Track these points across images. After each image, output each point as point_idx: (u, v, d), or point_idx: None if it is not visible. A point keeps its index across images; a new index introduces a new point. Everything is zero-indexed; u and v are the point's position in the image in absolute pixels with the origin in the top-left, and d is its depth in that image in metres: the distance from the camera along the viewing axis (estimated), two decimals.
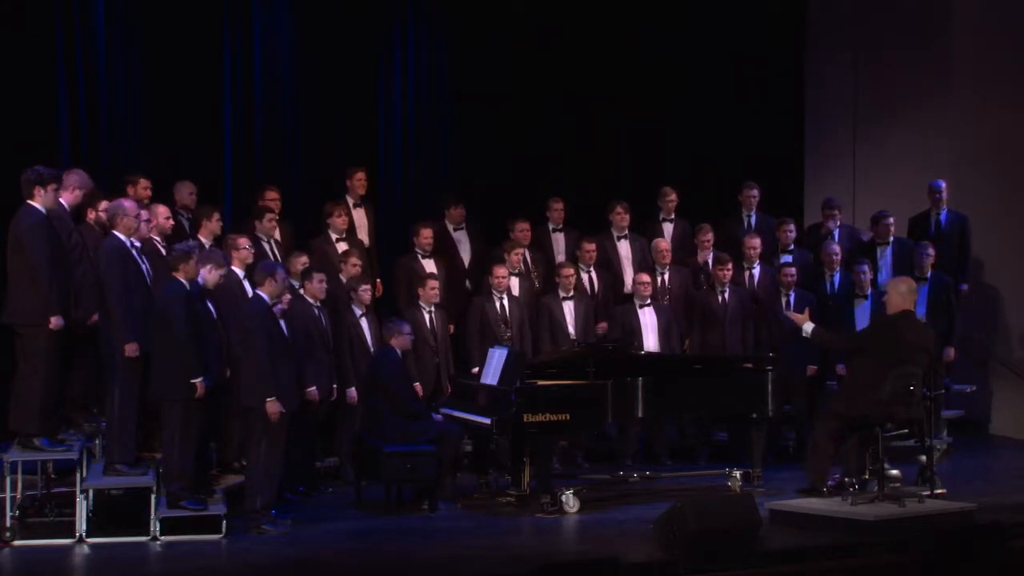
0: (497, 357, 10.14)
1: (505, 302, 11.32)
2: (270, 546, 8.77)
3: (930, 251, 11.98)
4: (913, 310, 9.73)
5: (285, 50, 12.87)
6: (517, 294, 11.49)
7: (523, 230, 11.90)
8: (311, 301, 10.27)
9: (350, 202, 11.80)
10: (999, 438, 13.09)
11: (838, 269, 12.00)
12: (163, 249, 9.65)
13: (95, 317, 9.27)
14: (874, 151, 14.00)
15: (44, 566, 8.40)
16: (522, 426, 9.65)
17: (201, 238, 10.09)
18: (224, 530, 8.88)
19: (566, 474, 10.83)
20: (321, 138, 12.97)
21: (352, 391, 10.65)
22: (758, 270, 12.05)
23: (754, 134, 14.00)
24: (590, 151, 13.64)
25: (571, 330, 11.40)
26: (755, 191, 12.71)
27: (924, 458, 9.90)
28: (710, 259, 12.02)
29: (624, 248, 12.24)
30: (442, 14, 13.51)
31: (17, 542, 8.70)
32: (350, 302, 10.77)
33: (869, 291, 11.61)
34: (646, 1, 13.86)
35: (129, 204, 9.30)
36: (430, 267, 11.51)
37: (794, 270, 11.74)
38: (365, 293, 10.82)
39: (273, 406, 8.95)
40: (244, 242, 10.12)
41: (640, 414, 10.20)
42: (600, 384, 9.97)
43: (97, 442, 9.74)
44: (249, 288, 9.59)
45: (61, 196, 9.26)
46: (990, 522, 8.58)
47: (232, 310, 9.56)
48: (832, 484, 9.67)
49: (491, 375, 10.12)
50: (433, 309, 11.10)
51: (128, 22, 12.11)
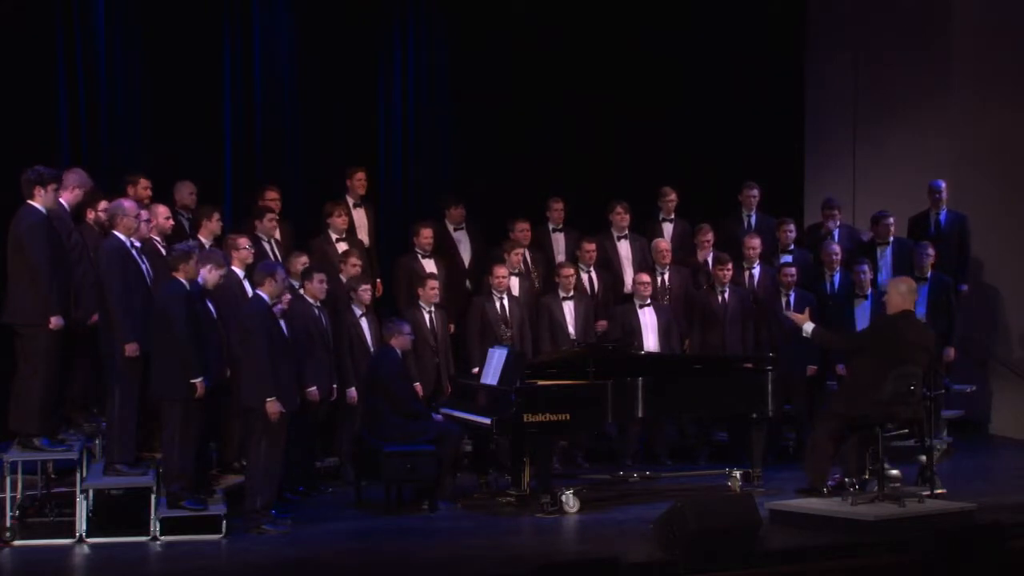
0: (497, 357, 10.14)
1: (505, 302, 11.32)
2: (270, 546, 8.76)
3: (930, 251, 11.98)
4: (913, 310, 9.73)
5: (285, 50, 12.87)
6: (517, 294, 11.49)
7: (523, 230, 11.90)
8: (311, 301, 10.27)
9: (350, 202, 11.79)
10: (999, 438, 13.09)
11: (838, 269, 12.00)
12: (163, 249, 9.65)
13: (95, 317, 9.27)
14: (874, 151, 14.00)
15: (44, 566, 8.39)
16: (522, 426, 9.65)
17: (201, 238, 10.09)
18: (224, 530, 8.87)
19: (566, 474, 10.83)
20: (321, 138, 12.97)
21: (352, 391, 10.65)
22: (758, 270, 12.05)
23: (754, 134, 13.99)
24: (590, 151, 13.64)
25: (571, 330, 11.40)
26: (755, 191, 12.71)
27: (924, 458, 9.90)
28: (710, 259, 12.02)
29: (624, 248, 12.24)
30: (442, 14, 13.50)
31: (17, 542, 8.70)
32: (350, 302, 10.77)
33: (869, 291, 11.61)
34: (646, 1, 13.86)
35: (129, 204, 9.30)
36: (430, 267, 11.51)
37: (794, 270, 11.74)
38: (365, 293, 10.81)
39: (273, 406, 8.95)
40: (244, 242, 10.12)
41: (640, 414, 10.20)
42: (600, 384, 9.96)
43: (97, 442, 9.74)
44: (249, 288, 9.59)
45: (61, 196, 9.26)
46: (990, 522, 8.58)
47: (232, 310, 9.56)
48: (832, 484, 9.67)
49: (491, 375, 10.12)
50: (433, 309, 11.09)
51: (128, 22, 12.11)
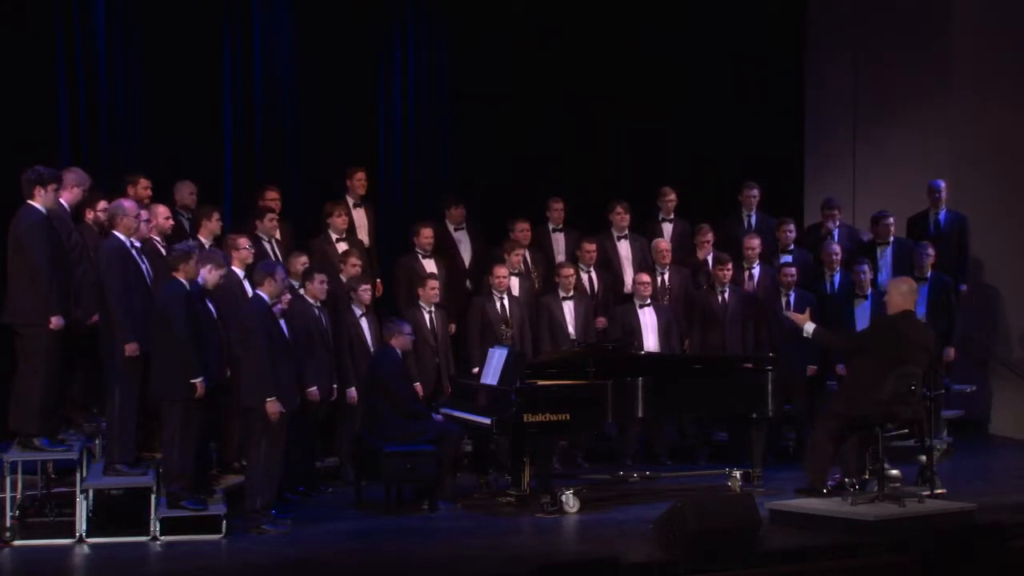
0: (497, 357, 10.13)
1: (505, 302, 11.32)
2: (270, 546, 8.76)
3: (930, 251, 11.98)
4: (914, 310, 9.73)
5: (285, 50, 12.87)
6: (517, 294, 11.49)
7: (523, 230, 11.89)
8: (311, 301, 10.27)
9: (350, 202, 11.79)
10: (999, 438, 13.09)
11: (838, 269, 12.00)
12: (163, 249, 9.65)
13: (95, 317, 9.27)
14: (874, 151, 14.00)
15: (44, 566, 8.39)
16: (522, 426, 9.64)
17: (201, 238, 10.09)
18: (224, 530, 8.87)
19: (566, 474, 10.83)
20: (321, 138, 12.97)
21: (352, 391, 10.65)
22: (758, 270, 12.05)
23: (754, 134, 13.99)
24: (590, 151, 13.63)
25: (571, 330, 11.39)
26: (755, 191, 12.71)
27: (924, 458, 9.90)
28: (710, 259, 12.02)
29: (624, 248, 12.23)
30: (442, 14, 13.50)
31: (17, 542, 8.70)
32: (350, 302, 10.76)
33: (869, 291, 11.61)
34: (646, 1, 13.86)
35: (129, 204, 9.30)
36: (430, 267, 11.51)
37: (794, 270, 11.74)
38: (365, 293, 10.81)
39: (273, 406, 8.95)
40: (244, 242, 10.12)
41: (640, 414, 10.20)
42: (600, 384, 9.96)
43: (97, 442, 9.74)
44: (249, 288, 9.59)
45: (61, 196, 9.26)
46: (990, 522, 8.58)
47: (232, 310, 9.55)
48: (832, 484, 9.67)
49: (491, 375, 10.11)
50: (433, 309, 11.09)
51: (128, 22, 12.11)
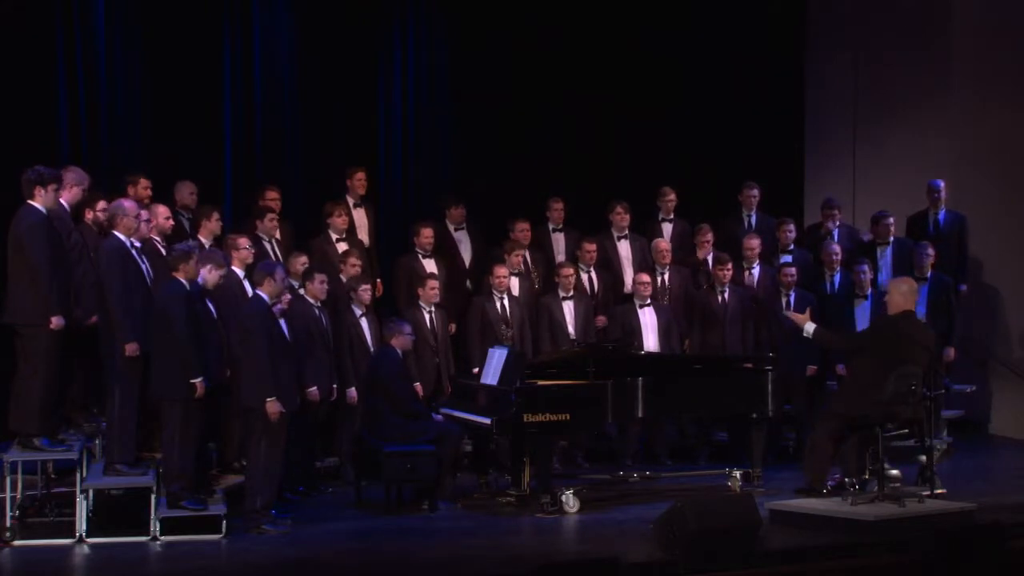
0: (497, 357, 10.13)
1: (506, 302, 11.32)
2: (270, 546, 8.76)
3: (930, 251, 11.98)
4: (914, 310, 9.73)
5: (285, 50, 12.87)
6: (517, 294, 11.49)
7: (523, 230, 11.89)
8: (311, 301, 10.27)
9: (350, 202, 11.79)
10: (999, 438, 13.09)
11: (838, 269, 12.00)
12: (163, 249, 9.65)
13: (95, 318, 9.27)
14: (874, 151, 14.00)
15: (44, 566, 8.39)
16: (522, 426, 9.64)
17: (201, 238, 10.09)
18: (224, 530, 8.87)
19: (566, 474, 10.83)
20: (321, 138, 12.97)
21: (352, 391, 10.65)
22: (758, 270, 12.05)
23: (754, 134, 13.99)
24: (590, 151, 13.64)
25: (571, 330, 11.39)
26: (755, 191, 12.71)
27: (924, 458, 9.90)
28: (710, 259, 12.02)
29: (624, 248, 12.23)
30: (442, 14, 13.50)
31: (17, 542, 8.69)
32: (350, 302, 10.76)
33: (869, 291, 11.61)
34: (646, 1, 13.86)
35: (129, 204, 9.30)
36: (431, 267, 11.51)
37: (794, 270, 11.74)
38: (365, 293, 10.81)
39: (273, 406, 8.95)
40: (244, 242, 10.12)
41: (640, 414, 10.20)
42: (600, 384, 9.96)
43: (97, 442, 9.74)
44: (249, 288, 9.59)
45: (61, 195, 9.26)
46: (990, 522, 8.58)
47: (232, 310, 9.56)
48: (832, 484, 9.68)
49: (491, 375, 10.11)
50: (433, 309, 11.09)
51: (128, 22, 12.11)
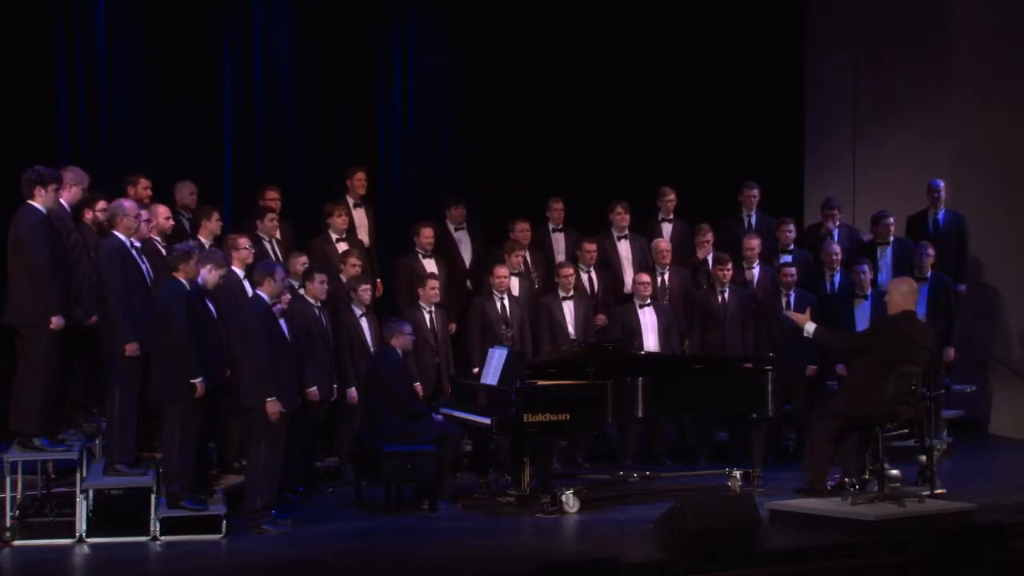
0: (497, 357, 10.13)
1: (506, 302, 11.32)
2: (270, 546, 8.76)
3: (930, 251, 11.98)
4: (914, 310, 9.74)
5: (285, 50, 12.87)
6: (517, 294, 11.49)
7: (523, 230, 11.89)
8: (311, 301, 10.27)
9: (350, 202, 11.79)
10: (999, 438, 13.08)
11: (838, 269, 12.00)
12: (163, 249, 9.65)
13: (95, 318, 9.27)
14: (874, 151, 13.99)
15: (44, 566, 8.39)
16: (522, 426, 9.64)
17: (201, 238, 10.09)
18: (224, 530, 8.87)
19: (566, 474, 10.84)
20: (321, 138, 12.97)
21: (352, 391, 10.65)
22: (758, 270, 12.05)
23: (754, 134, 13.99)
24: (590, 151, 13.63)
25: (571, 330, 11.39)
26: (755, 191, 12.71)
27: (924, 458, 9.90)
28: (710, 259, 12.02)
29: (624, 248, 12.23)
30: (442, 14, 13.50)
31: (17, 542, 8.70)
32: (350, 302, 10.76)
33: (869, 291, 11.61)
34: (646, 1, 13.86)
35: (129, 204, 9.30)
36: (431, 267, 11.51)
37: (794, 270, 11.74)
38: (365, 293, 10.81)
39: (273, 406, 8.95)
40: (244, 242, 10.12)
41: (640, 414, 10.20)
42: (600, 384, 9.96)
43: (97, 442, 9.74)
44: (249, 288, 9.59)
45: (61, 195, 9.26)
46: (990, 522, 8.57)
47: (232, 310, 9.56)
48: (832, 484, 9.68)
49: (491, 375, 10.11)
50: (433, 309, 11.09)
51: (128, 22, 12.11)
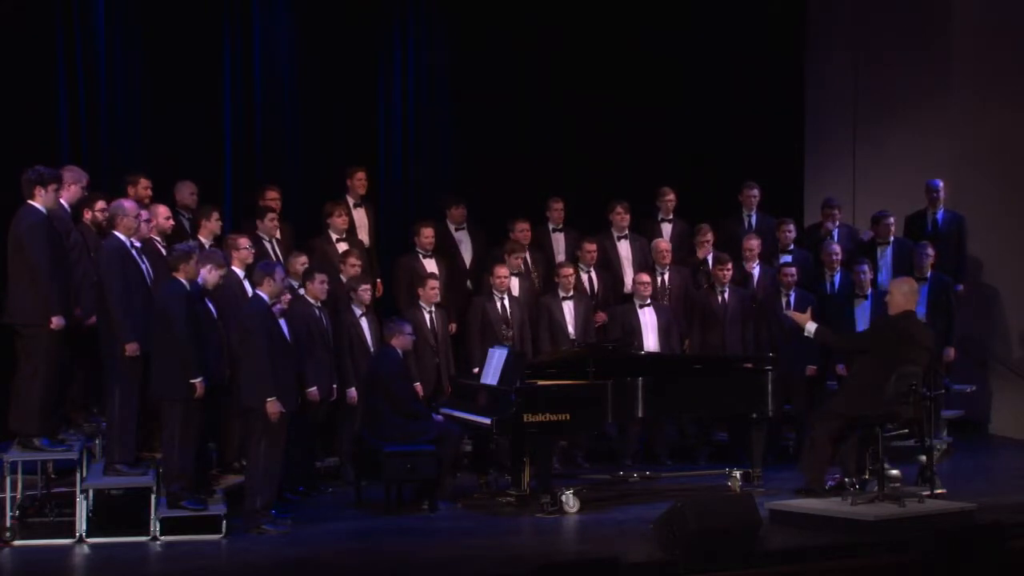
0: (497, 357, 10.13)
1: (506, 302, 11.32)
2: (270, 546, 8.76)
3: (930, 251, 11.98)
4: (915, 310, 9.74)
5: (285, 50, 12.87)
6: (517, 294, 11.49)
7: (523, 230, 11.89)
8: (311, 301, 10.27)
9: (350, 202, 11.79)
10: (999, 438, 13.09)
11: (838, 269, 12.00)
12: (163, 249, 9.65)
13: (94, 318, 9.27)
14: (874, 151, 14.00)
15: (44, 566, 8.39)
16: (522, 426, 9.64)
17: (201, 238, 10.10)
18: (224, 530, 8.87)
19: (566, 474, 10.84)
20: (321, 138, 12.97)
21: (352, 391, 10.65)
22: (758, 270, 12.05)
23: (754, 134, 14.00)
24: (590, 151, 13.63)
25: (571, 330, 11.39)
26: (755, 191, 12.71)
27: (924, 458, 9.90)
28: (710, 259, 12.02)
29: (624, 248, 12.23)
30: (442, 14, 13.50)
31: (17, 542, 8.69)
32: (350, 302, 10.76)
33: (869, 291, 11.61)
34: (646, 1, 13.86)
35: (129, 204, 9.31)
36: (431, 267, 11.51)
37: (794, 270, 11.73)
38: (365, 293, 10.81)
39: (273, 406, 8.95)
40: (244, 242, 10.12)
41: (640, 414, 10.20)
42: (600, 384, 9.96)
43: (97, 442, 9.74)
44: (249, 288, 9.59)
45: (61, 195, 9.26)
46: (990, 522, 8.58)
47: (232, 310, 9.56)
48: (832, 484, 9.68)
49: (491, 375, 10.11)
50: (433, 309, 11.09)
51: (128, 22, 12.11)
